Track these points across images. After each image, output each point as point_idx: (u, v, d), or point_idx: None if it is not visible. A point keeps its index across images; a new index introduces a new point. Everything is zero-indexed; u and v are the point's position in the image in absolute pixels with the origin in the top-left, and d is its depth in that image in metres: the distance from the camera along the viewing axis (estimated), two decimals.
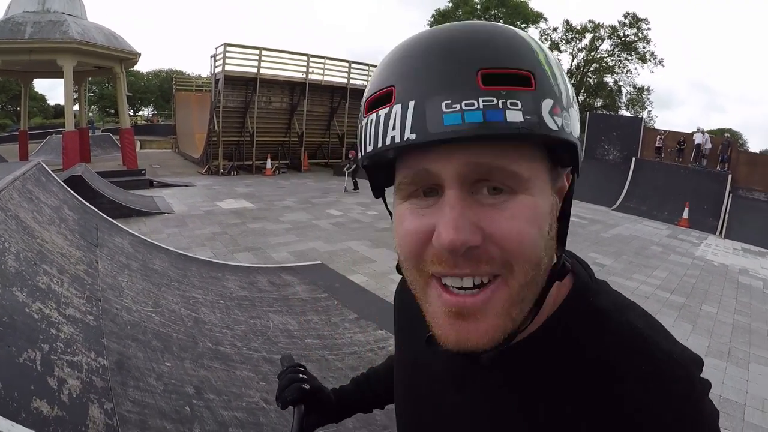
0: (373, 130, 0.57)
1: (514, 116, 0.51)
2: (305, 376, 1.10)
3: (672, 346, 0.59)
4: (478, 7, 47.82)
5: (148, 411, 2.32)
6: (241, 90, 21.44)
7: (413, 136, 0.52)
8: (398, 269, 0.69)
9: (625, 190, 21.19)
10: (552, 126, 0.53)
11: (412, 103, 0.53)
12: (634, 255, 11.01)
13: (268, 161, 21.50)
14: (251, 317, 4.45)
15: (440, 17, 50.93)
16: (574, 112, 0.58)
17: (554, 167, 0.60)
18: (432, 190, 0.58)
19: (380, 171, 0.66)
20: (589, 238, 12.37)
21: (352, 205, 14.01)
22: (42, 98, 66.36)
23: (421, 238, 0.57)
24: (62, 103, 22.69)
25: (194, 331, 3.60)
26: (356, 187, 17.08)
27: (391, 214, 0.67)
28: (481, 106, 0.50)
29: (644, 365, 0.56)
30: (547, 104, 0.53)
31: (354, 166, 17.28)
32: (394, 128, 0.54)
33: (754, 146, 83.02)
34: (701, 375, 0.58)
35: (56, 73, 20.20)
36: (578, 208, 18.15)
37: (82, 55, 17.86)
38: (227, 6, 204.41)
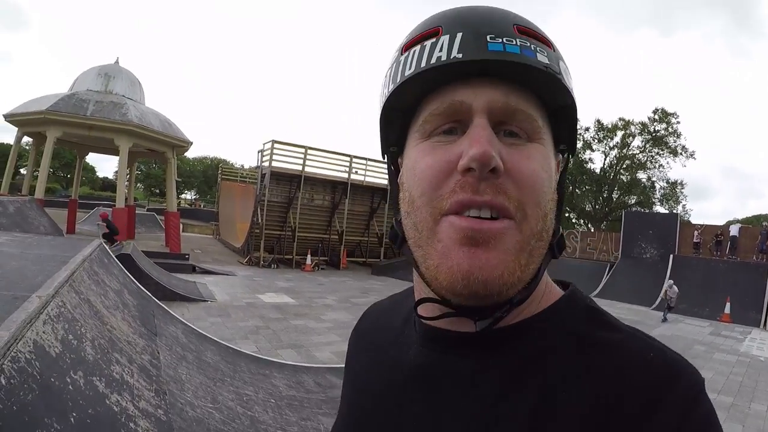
0: (415, 58, 0.60)
1: (542, 58, 0.58)
2: None
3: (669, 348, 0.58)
4: None
5: None
6: (285, 185, 22.11)
7: (460, 55, 0.56)
8: (392, 236, 0.68)
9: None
10: (567, 83, 0.60)
11: (460, 34, 0.57)
12: None
13: (308, 257, 21.72)
14: (302, 419, 4.29)
15: None
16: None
17: (556, 142, 0.65)
18: (454, 129, 0.59)
19: (395, 123, 0.67)
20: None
21: None
22: (92, 169, 69.36)
23: (444, 168, 0.57)
24: (110, 176, 24.05)
25: (252, 430, 3.47)
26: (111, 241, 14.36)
27: (391, 174, 0.72)
28: (518, 44, 0.57)
29: (651, 352, 0.56)
30: (562, 65, 0.61)
31: (107, 231, 15.68)
32: (440, 50, 0.57)
33: None
34: None
35: (111, 149, 21.29)
36: (617, 309, 17.73)
37: (138, 138, 18.86)
38: (273, 100, 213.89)
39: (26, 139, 22.01)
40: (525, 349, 0.60)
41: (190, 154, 73.28)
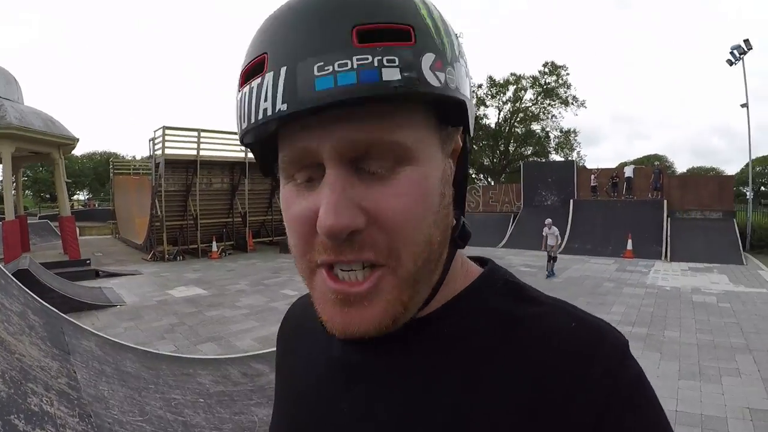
0: (246, 104, 0.52)
1: (391, 74, 0.47)
2: None
3: (593, 316, 0.59)
4: None
5: None
6: (181, 173, 21.31)
7: (284, 107, 0.48)
8: (287, 250, 0.66)
9: (567, 233, 22.02)
10: (434, 82, 0.49)
11: (284, 70, 0.49)
12: (588, 295, 11.31)
13: (214, 244, 21.20)
14: (234, 413, 4.26)
15: None
16: (461, 67, 0.55)
17: (444, 128, 0.57)
18: (315, 167, 0.54)
19: (266, 148, 0.59)
20: (540, 285, 12.29)
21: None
22: None
23: (308, 222, 0.54)
24: None
25: None
26: None
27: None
28: (355, 66, 0.46)
29: (573, 322, 0.56)
30: (428, 59, 0.49)
31: None
32: (266, 99, 0.50)
33: (681, 167, 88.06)
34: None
35: None
36: (524, 257, 18.71)
37: (20, 141, 17.28)
38: (160, 87, 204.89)
39: None
40: (446, 333, 0.60)
41: (78, 151, 69.06)
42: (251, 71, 0.52)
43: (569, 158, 44.09)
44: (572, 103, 46.28)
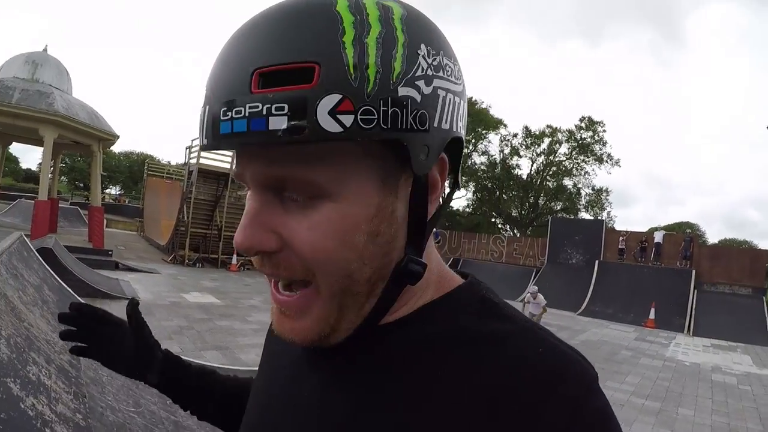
0: (200, 127, 0.54)
1: (277, 123, 0.46)
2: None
3: (564, 343, 0.57)
4: None
5: None
6: (212, 184, 21.74)
7: (205, 141, 0.52)
8: None
9: (589, 294, 21.46)
10: (331, 128, 0.46)
11: (207, 108, 0.51)
12: (604, 361, 10.94)
13: (234, 257, 21.34)
14: None
15: None
16: (418, 91, 0.50)
17: (388, 167, 0.54)
18: None
19: None
20: None
21: None
22: (15, 160, 66.31)
23: None
24: (34, 167, 22.78)
25: None
26: None
27: None
28: (247, 114, 0.47)
29: (541, 347, 0.54)
30: (328, 102, 0.46)
31: None
32: (201, 129, 0.53)
33: (713, 237, 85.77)
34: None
35: (35, 140, 20.24)
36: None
37: (64, 129, 17.98)
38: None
39: None
40: (407, 340, 0.59)
41: (117, 148, 71.22)
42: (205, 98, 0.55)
43: (599, 217, 43.69)
44: (606, 161, 46.05)
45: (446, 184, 0.62)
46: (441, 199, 0.63)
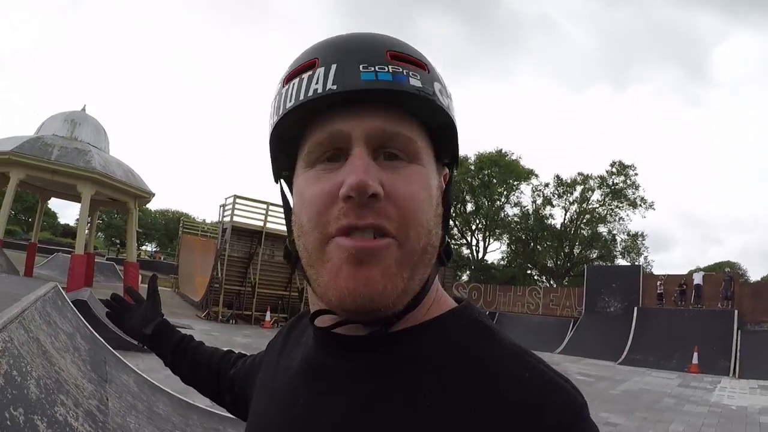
0: (294, 90, 0.63)
1: (416, 82, 0.61)
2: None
3: (553, 370, 0.60)
4: (472, 167, 49.74)
5: None
6: (246, 241, 22.07)
7: (334, 87, 0.60)
8: (286, 256, 0.75)
9: (629, 342, 20.69)
10: (440, 101, 0.64)
11: (334, 66, 0.61)
12: (646, 410, 10.51)
13: (268, 313, 21.45)
14: None
15: None
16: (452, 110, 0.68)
17: (438, 157, 0.70)
18: (336, 156, 0.63)
19: (283, 152, 0.71)
20: (598, 396, 11.75)
21: None
22: (54, 215, 68.37)
23: (328, 196, 0.61)
24: (71, 223, 23.61)
25: None
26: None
27: (285, 203, 0.75)
28: (391, 70, 0.60)
29: (528, 372, 0.58)
30: (437, 86, 0.64)
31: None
32: (317, 83, 0.61)
33: (755, 274, 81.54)
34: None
35: (73, 196, 21.01)
36: (582, 365, 17.74)
37: (100, 186, 18.75)
38: (238, 155, 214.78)
39: None
40: (404, 354, 0.64)
41: (152, 206, 72.96)
42: (303, 69, 0.64)
43: (635, 263, 42.37)
44: (640, 205, 45.17)
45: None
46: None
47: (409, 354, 0.64)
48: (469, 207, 52.36)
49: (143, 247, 71.77)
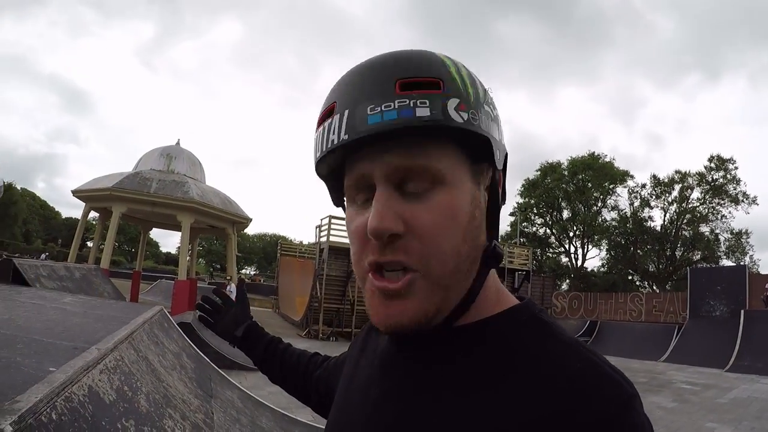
0: (320, 139, 0.67)
1: (422, 112, 0.60)
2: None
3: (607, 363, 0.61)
4: (566, 173, 48.31)
5: None
6: (343, 260, 22.28)
7: (346, 137, 0.62)
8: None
9: (737, 348, 18.97)
10: (457, 119, 0.62)
11: (347, 112, 0.63)
12: (754, 419, 9.70)
13: None
14: None
15: (529, 186, 51.76)
16: (488, 112, 0.67)
17: (475, 163, 0.68)
18: (369, 191, 0.66)
19: (335, 178, 0.74)
20: (705, 405, 11.02)
21: None
22: (156, 244, 72.39)
23: (362, 233, 0.65)
24: (173, 251, 24.85)
25: None
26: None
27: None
28: (397, 107, 0.60)
29: (579, 363, 0.59)
30: (453, 102, 0.62)
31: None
32: (334, 133, 0.64)
33: None
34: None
35: (173, 225, 22.10)
36: (688, 373, 16.56)
37: (199, 215, 19.67)
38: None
39: (93, 213, 23.05)
40: (470, 348, 0.67)
41: (250, 230, 75.73)
42: (325, 115, 0.67)
43: (741, 263, 39.45)
44: (743, 201, 42.65)
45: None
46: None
47: (466, 350, 0.67)
48: (566, 214, 51.26)
49: (243, 271, 74.45)
